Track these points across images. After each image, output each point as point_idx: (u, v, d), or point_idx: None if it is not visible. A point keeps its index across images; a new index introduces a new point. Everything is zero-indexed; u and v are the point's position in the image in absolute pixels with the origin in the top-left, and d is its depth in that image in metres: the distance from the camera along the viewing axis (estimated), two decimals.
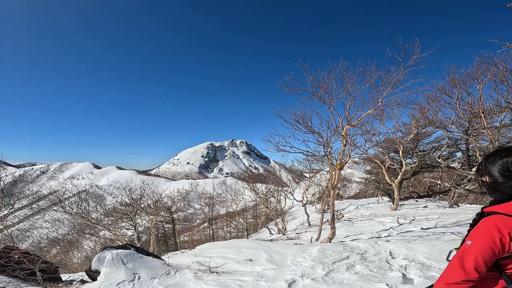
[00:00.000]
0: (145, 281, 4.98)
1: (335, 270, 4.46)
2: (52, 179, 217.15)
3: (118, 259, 5.46)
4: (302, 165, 16.11)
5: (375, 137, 12.09)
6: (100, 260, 5.49)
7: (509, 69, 7.97)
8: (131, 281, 4.87)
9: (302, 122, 7.19)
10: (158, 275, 5.34)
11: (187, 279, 5.25)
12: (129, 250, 5.99)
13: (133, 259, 5.69)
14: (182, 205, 32.47)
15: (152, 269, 5.61)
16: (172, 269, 5.87)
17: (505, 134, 8.91)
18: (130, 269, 5.30)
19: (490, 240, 1.30)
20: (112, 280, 4.83)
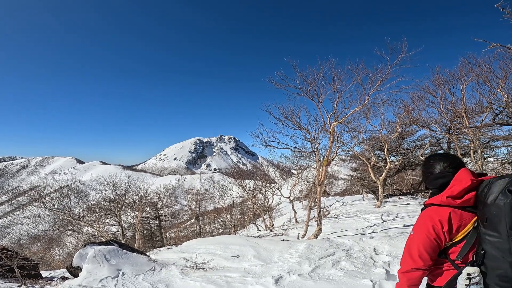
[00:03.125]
0: (130, 278, 4.88)
1: (321, 266, 4.50)
2: (32, 174, 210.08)
3: (101, 255, 5.33)
4: (290, 162, 16.20)
5: (361, 134, 12.28)
6: (82, 257, 5.34)
7: (492, 69, 8.22)
8: (114, 278, 4.77)
9: (291, 118, 7.22)
10: (143, 272, 5.26)
11: (173, 276, 5.19)
12: (112, 246, 5.86)
13: (117, 255, 5.57)
14: (169, 201, 32.14)
15: (137, 265, 5.52)
16: (158, 265, 5.79)
17: (486, 134, 9.23)
18: (114, 266, 5.19)
19: (425, 230, 1.46)
20: (95, 277, 4.72)
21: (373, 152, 14.70)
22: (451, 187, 1.46)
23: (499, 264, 1.36)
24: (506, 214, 1.30)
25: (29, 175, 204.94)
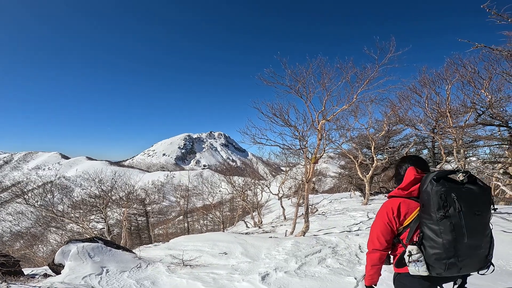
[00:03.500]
0: (114, 275, 4.80)
1: (307, 264, 4.54)
2: (16, 170, 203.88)
3: (84, 252, 5.23)
4: (279, 159, 16.25)
5: (349, 132, 12.42)
6: (65, 254, 5.22)
7: (477, 70, 8.42)
8: (98, 275, 4.68)
9: (279, 115, 7.22)
10: (129, 269, 5.18)
11: (159, 272, 5.14)
12: (97, 243, 5.75)
13: (101, 252, 5.47)
14: (157, 197, 31.75)
15: (122, 262, 5.43)
16: (144, 262, 5.72)
17: (469, 133, 9.49)
18: (98, 263, 5.09)
19: (382, 216, 1.77)
20: (78, 274, 4.62)
21: (360, 150, 14.92)
22: (402, 182, 1.80)
23: (433, 244, 1.61)
24: (432, 199, 1.56)
25: (12, 171, 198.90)
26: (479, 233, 1.59)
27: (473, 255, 1.60)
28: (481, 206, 1.58)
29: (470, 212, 1.55)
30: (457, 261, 1.58)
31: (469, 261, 1.60)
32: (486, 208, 1.60)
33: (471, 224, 1.56)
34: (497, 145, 8.29)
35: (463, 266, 1.60)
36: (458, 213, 1.54)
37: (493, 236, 1.69)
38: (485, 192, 1.59)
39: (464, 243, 1.56)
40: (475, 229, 1.57)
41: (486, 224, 1.61)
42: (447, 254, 1.58)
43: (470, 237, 1.56)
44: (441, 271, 1.62)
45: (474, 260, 1.61)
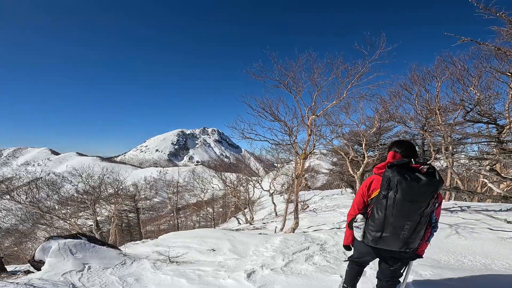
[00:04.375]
0: (96, 271, 4.69)
1: (294, 261, 4.50)
2: (4, 165, 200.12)
3: (66, 249, 5.10)
4: (270, 154, 16.20)
5: (340, 128, 12.42)
6: (45, 250, 5.09)
7: (466, 68, 8.47)
8: (79, 271, 4.56)
9: (269, 110, 7.12)
10: (112, 265, 5.07)
11: (144, 269, 5.04)
12: (79, 240, 5.63)
13: (83, 249, 5.35)
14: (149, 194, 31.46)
15: (106, 259, 5.32)
16: (129, 259, 5.61)
17: (457, 130, 9.57)
18: (80, 259, 4.97)
19: (360, 188, 2.18)
20: (57, 270, 4.49)
21: (351, 147, 14.94)
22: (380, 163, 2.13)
23: (373, 218, 1.94)
24: (382, 181, 1.88)
25: (1, 166, 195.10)
26: (406, 217, 1.83)
27: (394, 234, 1.87)
28: (418, 195, 1.78)
29: (405, 198, 1.79)
30: (381, 235, 1.90)
31: (390, 238, 1.89)
32: (424, 198, 1.80)
33: (401, 208, 1.81)
34: (485, 142, 8.38)
35: (385, 241, 1.92)
36: (394, 196, 1.81)
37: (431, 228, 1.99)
38: (431, 184, 1.78)
39: (390, 222, 1.85)
40: (403, 213, 1.82)
41: (419, 212, 1.82)
42: (377, 228, 1.92)
43: (396, 218, 1.84)
44: (369, 240, 1.99)
45: (395, 239, 1.89)
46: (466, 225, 6.41)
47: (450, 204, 9.19)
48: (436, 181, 1.79)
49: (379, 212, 1.89)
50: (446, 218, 7.15)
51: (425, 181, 1.78)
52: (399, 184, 1.80)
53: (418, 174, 1.81)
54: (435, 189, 1.80)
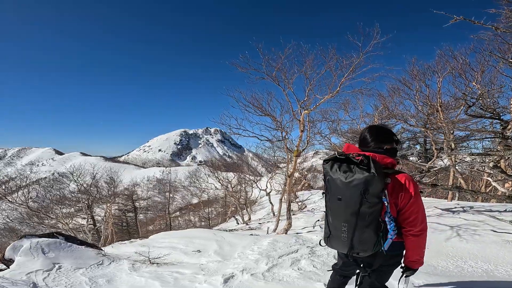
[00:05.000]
0: (66, 271, 4.42)
1: (278, 265, 4.16)
2: (9, 165, 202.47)
3: (38, 248, 4.85)
4: (267, 153, 15.85)
5: (339, 126, 12.06)
6: (16, 249, 4.85)
7: (468, 62, 8.05)
8: (47, 271, 4.29)
9: (256, 103, 6.76)
10: (87, 265, 4.81)
11: (120, 270, 4.77)
12: (55, 239, 5.39)
13: (57, 248, 5.09)
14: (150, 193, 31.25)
15: (81, 259, 5.05)
16: (108, 259, 5.33)
17: (459, 127, 9.13)
18: (51, 259, 4.72)
19: None
20: (24, 270, 4.23)
21: None
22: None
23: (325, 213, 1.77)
24: None
25: (5, 166, 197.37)
26: (340, 217, 1.60)
27: (336, 236, 1.66)
28: (344, 192, 1.55)
29: (333, 195, 1.61)
30: (330, 235, 1.70)
31: (335, 240, 1.68)
32: (351, 196, 1.53)
33: (332, 207, 1.64)
34: (489, 138, 7.97)
35: (333, 242, 1.71)
36: (327, 194, 1.67)
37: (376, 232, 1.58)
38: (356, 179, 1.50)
39: (330, 222, 1.68)
40: (335, 213, 1.63)
41: (349, 212, 1.56)
42: (325, 228, 1.74)
43: (332, 218, 1.66)
44: (324, 241, 1.79)
45: (338, 241, 1.66)
46: (468, 226, 6.03)
47: (452, 205, 8.79)
48: (365, 176, 1.48)
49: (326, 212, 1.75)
50: (448, 219, 6.77)
51: (350, 175, 1.52)
52: (327, 180, 1.64)
53: (350, 167, 1.55)
54: (364, 185, 1.48)
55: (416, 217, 1.59)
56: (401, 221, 1.63)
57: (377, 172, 1.48)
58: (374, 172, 1.47)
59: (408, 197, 1.58)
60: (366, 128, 1.84)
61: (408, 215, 1.60)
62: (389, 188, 1.58)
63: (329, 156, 1.72)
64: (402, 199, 1.59)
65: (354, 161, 1.56)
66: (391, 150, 1.71)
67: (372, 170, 1.48)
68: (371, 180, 1.47)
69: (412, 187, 1.59)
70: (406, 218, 1.61)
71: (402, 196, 1.59)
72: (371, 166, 1.49)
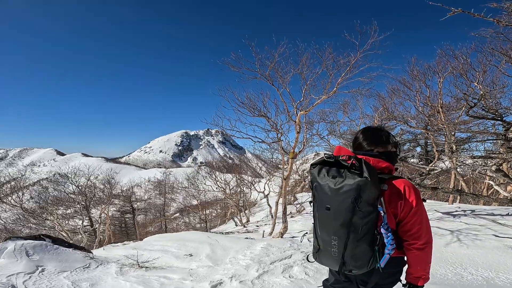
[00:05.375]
0: (49, 274, 4.27)
1: (269, 272, 3.98)
2: (10, 166, 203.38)
3: (22, 250, 4.72)
4: (264, 155, 15.67)
5: (338, 127, 11.89)
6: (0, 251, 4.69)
7: (469, 62, 7.86)
8: (29, 274, 4.15)
9: (251, 104, 6.57)
10: (72, 269, 4.66)
11: (106, 274, 4.62)
12: (41, 241, 5.25)
13: (43, 250, 4.95)
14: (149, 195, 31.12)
15: (67, 262, 4.90)
16: (96, 262, 5.18)
17: (461, 128, 8.94)
18: (35, 261, 4.57)
19: None
20: (4, 272, 4.10)
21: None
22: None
23: None
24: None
25: (7, 167, 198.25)
26: (329, 229, 1.39)
27: (326, 250, 1.43)
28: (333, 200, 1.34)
29: (322, 204, 1.40)
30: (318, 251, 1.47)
31: (324, 255, 1.45)
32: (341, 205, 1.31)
33: (320, 218, 1.43)
34: (491, 140, 7.75)
35: (322, 258, 1.47)
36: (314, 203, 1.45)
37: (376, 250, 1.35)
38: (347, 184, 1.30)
39: (319, 235, 1.45)
40: (324, 225, 1.41)
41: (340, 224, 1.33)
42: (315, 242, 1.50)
43: (321, 230, 1.44)
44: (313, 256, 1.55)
45: (328, 257, 1.43)
46: (469, 231, 5.84)
47: (453, 208, 8.59)
48: (356, 181, 1.28)
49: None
50: (448, 223, 6.57)
51: (339, 181, 1.32)
52: (315, 187, 1.41)
53: (340, 171, 1.35)
54: (356, 192, 1.28)
55: (419, 228, 1.38)
56: (402, 234, 1.42)
57: (371, 177, 1.28)
58: (367, 176, 1.27)
59: (409, 207, 1.38)
60: (361, 129, 1.65)
61: (410, 227, 1.39)
62: (386, 195, 1.38)
63: (316, 159, 1.51)
64: (402, 208, 1.38)
65: (344, 165, 1.36)
66: (388, 153, 1.52)
67: (365, 174, 1.28)
68: (364, 185, 1.27)
69: (413, 194, 1.38)
70: (408, 230, 1.39)
71: (402, 205, 1.38)
72: (363, 169, 1.29)
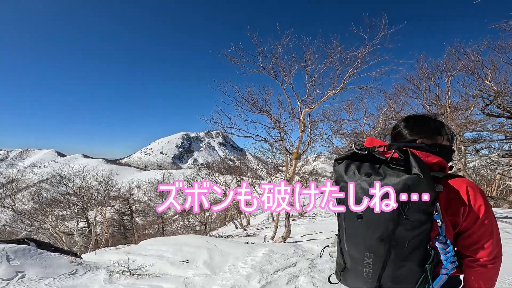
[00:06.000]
0: (29, 281, 3.92)
1: (273, 283, 3.60)
2: (11, 167, 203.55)
3: (2, 255, 4.41)
4: (265, 156, 15.28)
5: (342, 126, 11.53)
6: None
7: (481, 59, 7.50)
8: (6, 280, 3.84)
9: (252, 100, 6.16)
10: (55, 275, 4.29)
11: (93, 282, 4.25)
12: (24, 245, 4.90)
13: (25, 255, 4.61)
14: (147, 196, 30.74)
15: (51, 267, 4.54)
16: (83, 268, 4.80)
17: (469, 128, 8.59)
18: (15, 267, 4.23)
19: None
20: None
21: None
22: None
23: None
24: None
25: (8, 168, 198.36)
26: (360, 244, 1.06)
27: (355, 269, 1.11)
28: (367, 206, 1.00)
29: (351, 212, 1.05)
30: (345, 268, 1.16)
31: (353, 275, 1.13)
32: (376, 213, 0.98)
33: (350, 230, 1.10)
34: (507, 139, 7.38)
35: (349, 279, 1.16)
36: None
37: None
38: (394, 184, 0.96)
39: (346, 250, 1.13)
40: (354, 237, 1.08)
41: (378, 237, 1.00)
42: (339, 259, 1.20)
43: (349, 245, 1.11)
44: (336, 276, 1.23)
45: (358, 278, 1.11)
46: None
47: None
48: (403, 180, 0.95)
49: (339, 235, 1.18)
50: None
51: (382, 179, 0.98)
52: (341, 188, 1.08)
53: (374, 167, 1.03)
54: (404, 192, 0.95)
55: (489, 240, 1.02)
56: (464, 248, 1.07)
57: (423, 173, 0.93)
58: (419, 173, 0.93)
59: (475, 214, 1.02)
60: (404, 116, 1.30)
61: (477, 239, 1.04)
62: (442, 199, 1.02)
63: (343, 153, 1.16)
64: (465, 217, 1.03)
65: (380, 159, 1.04)
66: (440, 147, 1.17)
67: (414, 170, 0.94)
68: (415, 185, 0.93)
69: (480, 198, 1.02)
70: (474, 243, 1.04)
71: (466, 213, 1.03)
72: (412, 164, 0.95)
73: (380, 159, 1.05)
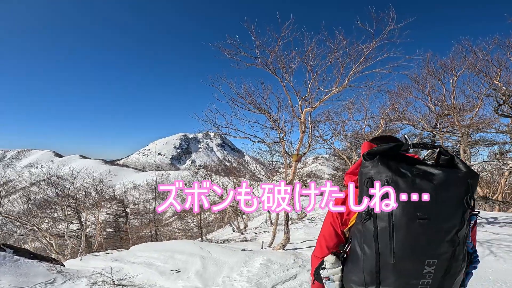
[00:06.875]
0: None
1: None
2: (8, 167, 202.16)
3: None
4: (263, 158, 14.90)
5: (342, 127, 11.17)
6: None
7: (490, 58, 7.18)
8: None
9: (249, 98, 5.77)
10: (32, 284, 3.91)
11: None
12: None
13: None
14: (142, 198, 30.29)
15: (26, 276, 4.14)
16: (63, 277, 4.40)
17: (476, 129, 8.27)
18: None
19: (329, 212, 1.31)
20: None
21: (355, 150, 13.68)
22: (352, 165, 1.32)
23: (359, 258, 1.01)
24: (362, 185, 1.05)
25: (4, 168, 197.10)
26: (421, 252, 0.86)
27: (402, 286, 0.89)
28: (439, 204, 0.86)
29: (409, 213, 0.86)
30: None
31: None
32: (451, 209, 0.87)
33: (407, 235, 0.87)
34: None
35: None
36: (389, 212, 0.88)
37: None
38: (458, 180, 0.89)
39: (391, 264, 0.88)
40: (414, 244, 0.86)
41: (446, 238, 0.86)
42: (365, 278, 0.93)
43: (400, 256, 0.87)
44: None
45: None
46: (501, 242, 5.11)
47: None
48: (466, 174, 0.90)
49: (365, 248, 0.94)
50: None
51: (443, 176, 0.89)
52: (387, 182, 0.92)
53: (422, 166, 0.94)
54: (467, 190, 0.89)
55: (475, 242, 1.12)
56: None
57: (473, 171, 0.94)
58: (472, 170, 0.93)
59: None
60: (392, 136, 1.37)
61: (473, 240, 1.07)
62: None
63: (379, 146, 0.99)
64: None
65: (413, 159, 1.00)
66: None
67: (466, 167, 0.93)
68: (475, 182, 0.92)
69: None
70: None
71: None
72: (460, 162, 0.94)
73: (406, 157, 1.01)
